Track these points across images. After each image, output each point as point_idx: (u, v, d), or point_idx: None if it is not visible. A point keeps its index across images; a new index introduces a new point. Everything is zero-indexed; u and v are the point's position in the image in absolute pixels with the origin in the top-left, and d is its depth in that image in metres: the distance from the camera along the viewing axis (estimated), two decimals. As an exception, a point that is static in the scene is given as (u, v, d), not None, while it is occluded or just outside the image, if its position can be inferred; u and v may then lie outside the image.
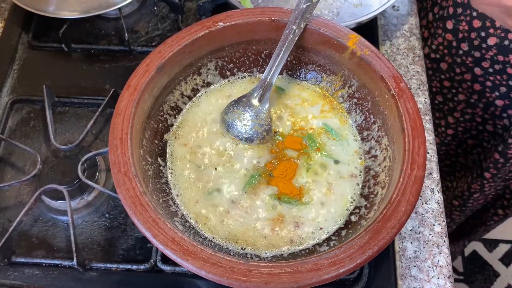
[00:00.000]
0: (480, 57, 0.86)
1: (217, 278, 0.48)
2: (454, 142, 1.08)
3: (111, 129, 0.56)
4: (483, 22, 0.82)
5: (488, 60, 0.86)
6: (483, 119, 0.97)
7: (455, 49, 0.90)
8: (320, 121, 0.67)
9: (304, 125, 0.67)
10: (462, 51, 0.88)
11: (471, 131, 1.02)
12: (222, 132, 0.66)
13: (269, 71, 0.64)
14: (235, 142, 0.65)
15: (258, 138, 0.64)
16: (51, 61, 0.84)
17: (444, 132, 1.06)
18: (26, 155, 0.74)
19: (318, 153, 0.65)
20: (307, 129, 0.66)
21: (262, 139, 0.65)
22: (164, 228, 0.50)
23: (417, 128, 0.56)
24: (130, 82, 0.59)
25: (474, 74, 0.90)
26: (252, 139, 0.64)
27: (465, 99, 0.96)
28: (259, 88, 0.64)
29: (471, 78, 0.91)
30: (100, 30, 0.88)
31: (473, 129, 1.01)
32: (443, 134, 1.06)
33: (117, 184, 0.53)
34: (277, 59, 0.63)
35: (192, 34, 0.63)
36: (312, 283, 0.48)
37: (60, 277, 0.65)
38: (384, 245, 0.50)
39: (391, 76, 0.60)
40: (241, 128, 0.64)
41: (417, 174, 0.53)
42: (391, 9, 0.90)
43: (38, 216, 0.69)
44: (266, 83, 0.64)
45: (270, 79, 0.64)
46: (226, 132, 0.65)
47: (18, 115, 0.78)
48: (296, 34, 0.63)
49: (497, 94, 0.90)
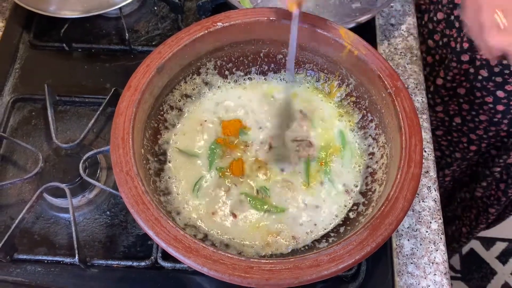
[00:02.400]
0: (503, 82, 0.84)
1: (219, 275, 0.48)
2: (476, 156, 1.05)
3: (113, 129, 0.56)
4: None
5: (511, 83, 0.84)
6: (509, 133, 0.94)
7: (473, 75, 0.87)
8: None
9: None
10: (481, 76, 0.86)
11: (495, 143, 0.99)
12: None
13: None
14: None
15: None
16: (52, 60, 0.85)
17: (466, 147, 1.03)
18: (28, 154, 0.75)
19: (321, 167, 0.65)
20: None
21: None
22: (166, 226, 0.51)
23: (413, 126, 0.57)
24: (130, 82, 0.60)
25: (497, 97, 0.87)
26: None
27: (487, 119, 0.93)
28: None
29: (493, 101, 0.88)
30: (100, 29, 0.88)
31: (497, 142, 0.98)
32: (465, 150, 1.03)
33: (119, 183, 0.53)
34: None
35: (192, 35, 0.63)
36: (312, 279, 0.49)
37: (62, 274, 0.66)
38: (382, 241, 0.51)
39: (388, 75, 0.60)
40: None
41: (414, 171, 0.54)
42: (389, 9, 0.91)
43: (40, 214, 0.70)
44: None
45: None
46: None
47: (19, 113, 0.79)
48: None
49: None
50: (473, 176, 1.10)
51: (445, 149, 1.08)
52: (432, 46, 0.97)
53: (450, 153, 1.08)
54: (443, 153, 1.10)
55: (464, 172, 1.13)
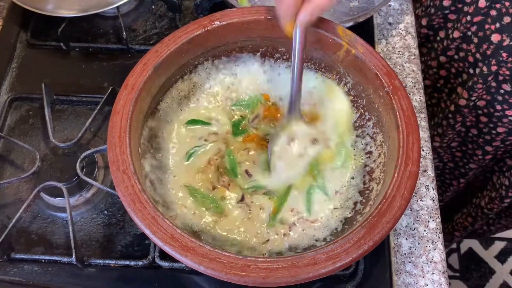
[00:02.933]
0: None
1: (216, 273, 0.48)
2: (491, 163, 1.03)
3: (110, 127, 0.56)
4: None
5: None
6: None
7: (495, 88, 0.85)
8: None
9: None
10: (503, 90, 0.84)
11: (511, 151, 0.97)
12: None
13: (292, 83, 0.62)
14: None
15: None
16: (49, 60, 0.85)
17: (482, 159, 1.00)
18: (25, 153, 0.74)
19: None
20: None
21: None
22: (163, 225, 0.51)
23: (411, 125, 0.57)
24: (127, 81, 0.60)
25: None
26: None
27: (505, 131, 0.91)
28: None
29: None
30: (98, 28, 0.88)
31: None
32: (480, 160, 1.01)
33: (116, 182, 0.53)
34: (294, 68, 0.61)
35: (189, 33, 0.63)
36: (309, 277, 0.48)
37: (59, 273, 0.66)
38: (380, 239, 0.50)
39: (386, 74, 0.60)
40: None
41: (412, 169, 0.54)
42: (387, 8, 0.91)
43: (37, 213, 0.70)
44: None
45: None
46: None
47: (17, 113, 0.79)
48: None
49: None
50: (486, 181, 1.08)
51: (459, 160, 1.06)
52: (444, 61, 0.95)
53: (464, 164, 1.06)
54: (456, 164, 1.07)
55: (477, 177, 1.11)
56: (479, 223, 1.12)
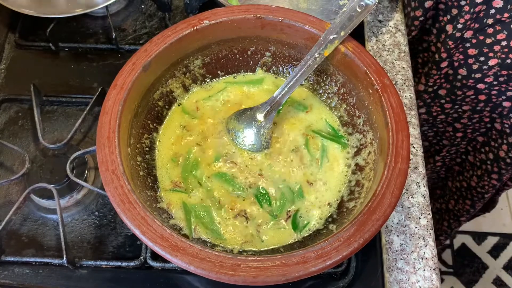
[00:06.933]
0: (482, 77, 0.86)
1: (206, 273, 0.48)
2: (464, 142, 1.08)
3: (99, 127, 0.56)
4: (480, 49, 0.83)
5: (491, 76, 0.86)
6: (491, 118, 0.97)
7: (453, 76, 0.89)
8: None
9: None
10: (460, 76, 0.88)
11: (480, 129, 1.02)
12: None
13: (281, 91, 0.63)
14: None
15: (254, 150, 0.65)
16: (38, 60, 0.84)
17: (453, 135, 1.06)
18: (14, 154, 0.74)
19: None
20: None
21: (258, 151, 0.65)
22: (153, 225, 0.50)
23: (400, 122, 0.57)
24: (116, 81, 0.59)
25: (477, 89, 0.89)
26: (250, 149, 0.65)
27: (470, 108, 0.96)
28: (267, 105, 0.64)
29: (474, 93, 0.91)
30: (87, 28, 0.88)
31: (482, 128, 1.01)
32: (452, 137, 1.07)
33: (105, 182, 0.53)
34: (291, 81, 0.62)
35: (178, 32, 0.63)
36: (300, 275, 0.48)
37: (50, 275, 0.66)
38: (370, 237, 0.51)
39: (375, 71, 0.60)
40: (241, 139, 0.65)
41: (401, 167, 0.54)
42: (377, 6, 0.91)
43: (27, 215, 0.70)
44: (276, 102, 0.64)
45: (280, 99, 0.63)
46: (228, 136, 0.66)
47: (6, 114, 0.78)
48: (316, 62, 0.62)
49: (503, 97, 0.91)
50: (463, 164, 1.12)
51: (432, 139, 1.11)
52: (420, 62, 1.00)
53: (437, 141, 1.11)
54: (430, 142, 1.13)
55: (454, 159, 1.15)
56: (478, 204, 1.14)
